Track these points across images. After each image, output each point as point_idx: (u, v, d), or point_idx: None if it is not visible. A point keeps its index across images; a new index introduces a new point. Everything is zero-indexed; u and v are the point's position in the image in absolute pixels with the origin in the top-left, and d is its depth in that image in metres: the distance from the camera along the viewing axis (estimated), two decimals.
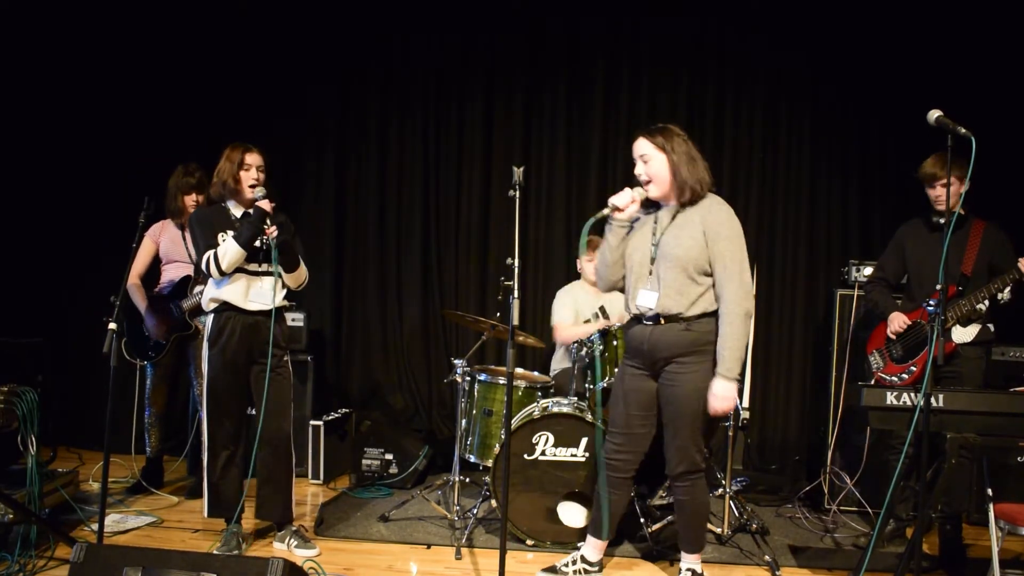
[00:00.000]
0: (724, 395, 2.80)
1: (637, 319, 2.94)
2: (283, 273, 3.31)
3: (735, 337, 2.77)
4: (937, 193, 3.37)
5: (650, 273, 2.88)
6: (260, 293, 3.28)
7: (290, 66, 5.10)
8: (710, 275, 2.84)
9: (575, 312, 4.19)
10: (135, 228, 3.23)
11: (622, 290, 3.06)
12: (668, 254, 2.83)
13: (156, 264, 4.22)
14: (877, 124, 4.64)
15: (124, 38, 5.09)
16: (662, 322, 2.85)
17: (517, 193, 2.91)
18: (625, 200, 2.89)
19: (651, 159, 2.86)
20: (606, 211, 2.92)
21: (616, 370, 3.26)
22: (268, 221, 3.22)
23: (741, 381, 4.69)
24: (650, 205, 2.97)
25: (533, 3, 4.90)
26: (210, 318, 3.28)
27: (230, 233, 3.23)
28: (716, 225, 2.81)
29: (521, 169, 2.93)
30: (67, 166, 5.17)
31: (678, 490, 2.96)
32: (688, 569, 3.04)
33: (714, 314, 2.85)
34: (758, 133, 4.81)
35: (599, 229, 3.06)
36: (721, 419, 3.58)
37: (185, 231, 4.11)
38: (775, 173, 4.81)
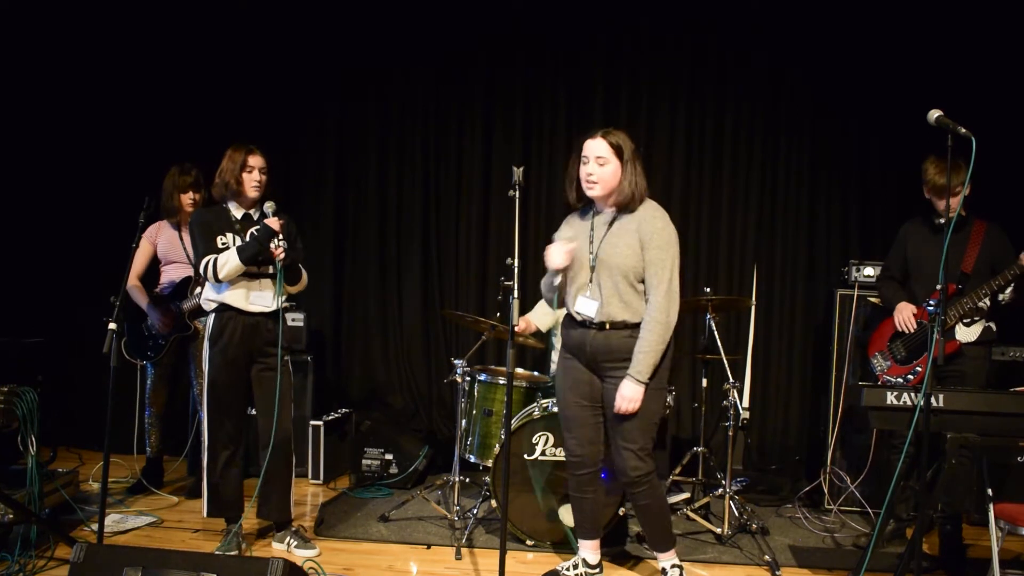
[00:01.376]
0: (632, 396, 2.80)
1: (576, 321, 2.95)
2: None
3: (653, 343, 2.78)
4: (943, 204, 3.35)
5: (590, 281, 2.89)
6: (261, 295, 3.28)
7: (290, 66, 5.09)
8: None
9: (554, 316, 4.20)
10: (135, 228, 3.23)
11: None
12: (608, 263, 2.85)
13: (155, 265, 4.22)
14: (877, 124, 4.64)
15: (125, 40, 5.09)
16: (607, 327, 2.87)
17: (517, 193, 2.91)
18: (561, 260, 2.89)
19: (607, 162, 2.86)
20: (551, 274, 2.95)
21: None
22: (276, 241, 3.20)
23: (741, 383, 4.75)
24: (587, 205, 2.99)
25: (535, 6, 4.89)
26: (211, 317, 3.28)
27: (229, 236, 3.23)
28: (650, 233, 2.82)
29: (521, 169, 2.92)
30: (67, 166, 5.17)
31: (638, 495, 2.93)
32: (674, 566, 3.03)
33: None
34: (758, 133, 4.81)
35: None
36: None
37: (182, 231, 4.12)
38: (775, 173, 4.81)
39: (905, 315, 3.51)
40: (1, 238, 5.15)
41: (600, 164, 2.86)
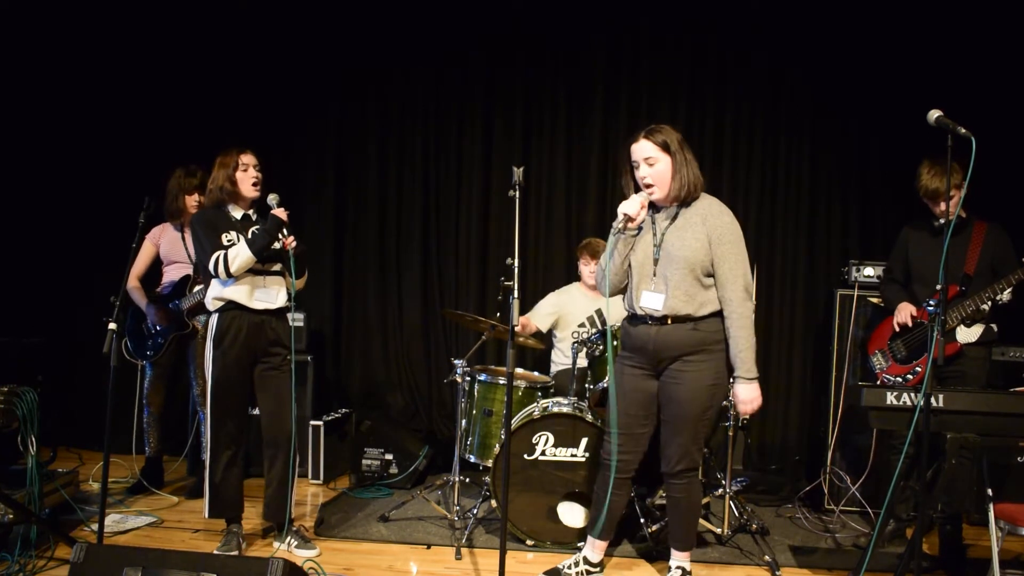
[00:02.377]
0: (751, 397, 2.86)
1: (638, 318, 2.94)
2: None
3: (748, 338, 2.83)
4: (942, 210, 3.35)
5: (654, 275, 2.88)
6: (265, 293, 3.28)
7: (290, 66, 5.09)
8: (712, 275, 2.86)
9: (554, 317, 4.22)
10: (135, 228, 3.23)
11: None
12: (675, 256, 2.83)
13: (157, 266, 4.22)
14: (877, 124, 4.64)
15: (125, 40, 5.09)
16: (669, 322, 2.86)
17: (517, 193, 2.91)
18: (636, 208, 2.85)
19: (657, 161, 2.84)
20: (620, 223, 2.86)
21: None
22: (284, 231, 3.21)
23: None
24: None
25: (535, 6, 4.89)
26: (215, 317, 3.28)
27: (233, 234, 3.23)
28: (720, 227, 2.83)
29: (521, 169, 2.92)
30: (68, 167, 5.17)
31: (674, 488, 2.97)
32: (678, 567, 3.04)
33: (718, 314, 2.87)
34: (758, 133, 4.81)
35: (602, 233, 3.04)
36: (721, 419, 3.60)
37: (185, 232, 4.12)
38: (775, 173, 4.81)
39: (903, 315, 3.52)
40: (1, 238, 5.15)
41: (650, 165, 2.85)
